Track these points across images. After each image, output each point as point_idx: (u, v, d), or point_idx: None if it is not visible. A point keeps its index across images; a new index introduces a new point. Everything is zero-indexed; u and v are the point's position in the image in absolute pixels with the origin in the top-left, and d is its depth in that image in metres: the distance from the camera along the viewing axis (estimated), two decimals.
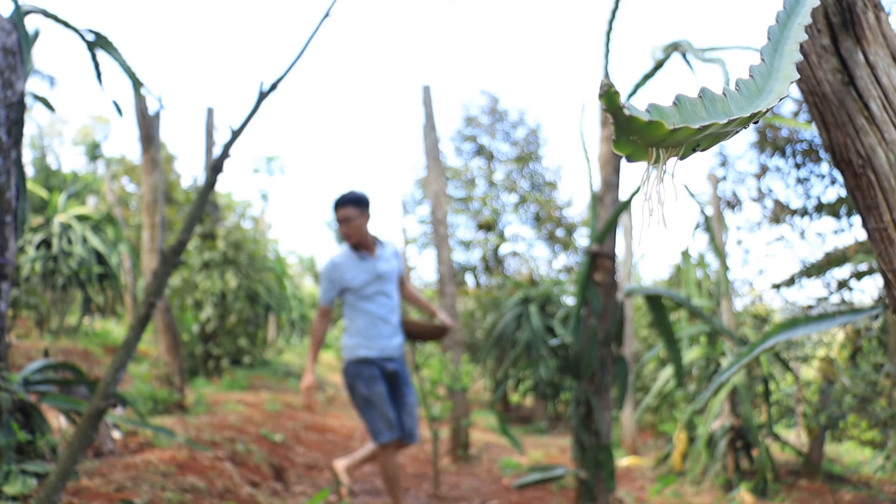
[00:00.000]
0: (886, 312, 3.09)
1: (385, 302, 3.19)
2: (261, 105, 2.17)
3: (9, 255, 2.48)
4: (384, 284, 3.20)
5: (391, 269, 3.23)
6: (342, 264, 3.19)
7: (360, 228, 3.13)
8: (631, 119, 0.52)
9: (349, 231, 3.12)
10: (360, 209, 3.13)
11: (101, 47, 2.81)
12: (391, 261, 3.25)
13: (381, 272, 3.19)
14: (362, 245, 3.20)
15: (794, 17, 0.73)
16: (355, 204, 3.12)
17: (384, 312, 3.18)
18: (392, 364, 3.19)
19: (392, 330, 3.19)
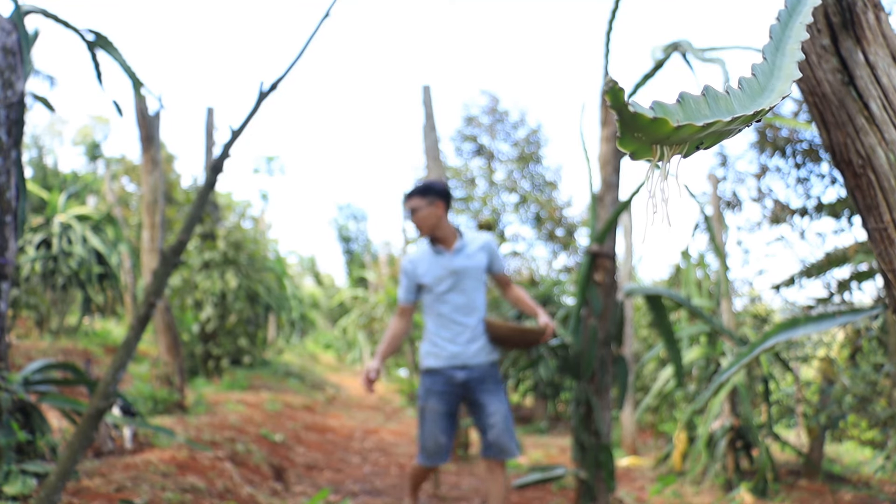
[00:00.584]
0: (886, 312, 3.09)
1: (459, 301, 2.85)
2: (261, 105, 2.17)
3: (9, 255, 2.48)
4: (460, 282, 2.85)
5: (471, 265, 2.87)
6: (417, 259, 2.93)
7: (430, 220, 2.84)
8: (636, 116, 0.53)
9: (418, 223, 2.86)
10: (429, 199, 2.84)
11: (101, 47, 2.81)
12: (475, 256, 2.89)
13: (457, 268, 2.85)
14: (438, 238, 2.90)
15: (796, 15, 0.73)
16: (422, 194, 2.85)
17: (457, 314, 2.84)
18: (463, 373, 2.82)
19: (467, 334, 2.83)
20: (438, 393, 2.83)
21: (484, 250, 2.94)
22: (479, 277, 2.91)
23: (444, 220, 2.89)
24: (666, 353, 5.31)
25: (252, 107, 2.17)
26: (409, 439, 6.13)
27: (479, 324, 2.87)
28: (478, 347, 2.84)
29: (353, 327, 13.27)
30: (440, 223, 2.88)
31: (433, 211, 2.85)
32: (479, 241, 2.96)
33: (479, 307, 2.89)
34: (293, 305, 10.56)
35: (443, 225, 2.89)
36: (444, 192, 2.88)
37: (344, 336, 15.23)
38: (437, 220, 2.86)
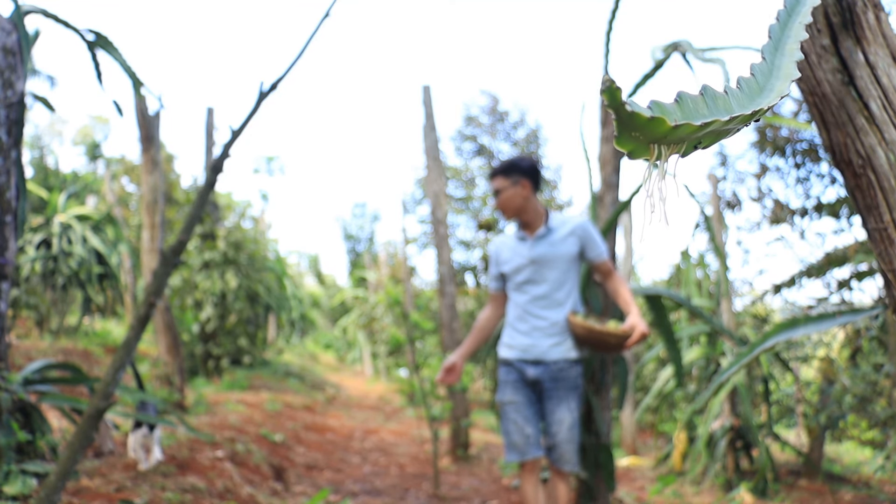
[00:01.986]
0: (886, 312, 3.09)
1: (539, 293, 2.59)
2: (261, 105, 2.17)
3: (9, 255, 2.48)
4: (540, 271, 2.60)
5: (554, 253, 2.58)
6: (501, 245, 2.73)
7: (513, 201, 2.59)
8: (633, 115, 0.52)
9: (501, 205, 2.61)
10: (513, 178, 2.58)
11: (101, 47, 2.81)
12: (562, 243, 2.60)
13: (536, 256, 2.59)
14: (524, 223, 2.65)
15: (795, 15, 0.73)
16: (506, 173, 2.59)
17: (535, 306, 2.59)
18: (535, 370, 2.58)
19: (543, 327, 2.58)
20: (513, 382, 2.64)
21: (574, 235, 2.62)
22: (566, 267, 2.61)
23: (530, 202, 2.62)
24: (666, 353, 5.31)
25: (252, 107, 2.17)
26: (409, 439, 6.13)
27: (562, 319, 2.59)
28: (554, 343, 2.57)
29: (354, 327, 13.27)
30: (526, 205, 2.61)
31: (518, 191, 2.59)
32: (570, 226, 2.63)
33: (563, 300, 2.60)
34: (293, 305, 10.56)
35: (529, 208, 2.62)
36: (532, 170, 2.61)
37: (344, 336, 15.23)
38: (523, 202, 2.60)
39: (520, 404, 2.61)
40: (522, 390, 2.62)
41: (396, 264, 13.97)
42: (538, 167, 2.66)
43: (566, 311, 2.60)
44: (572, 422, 2.56)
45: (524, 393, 2.62)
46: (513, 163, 2.62)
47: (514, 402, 2.61)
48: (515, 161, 2.62)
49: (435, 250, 5.66)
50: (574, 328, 2.56)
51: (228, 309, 7.51)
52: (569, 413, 2.56)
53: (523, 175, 2.61)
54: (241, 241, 7.71)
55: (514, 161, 2.63)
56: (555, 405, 2.57)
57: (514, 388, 2.63)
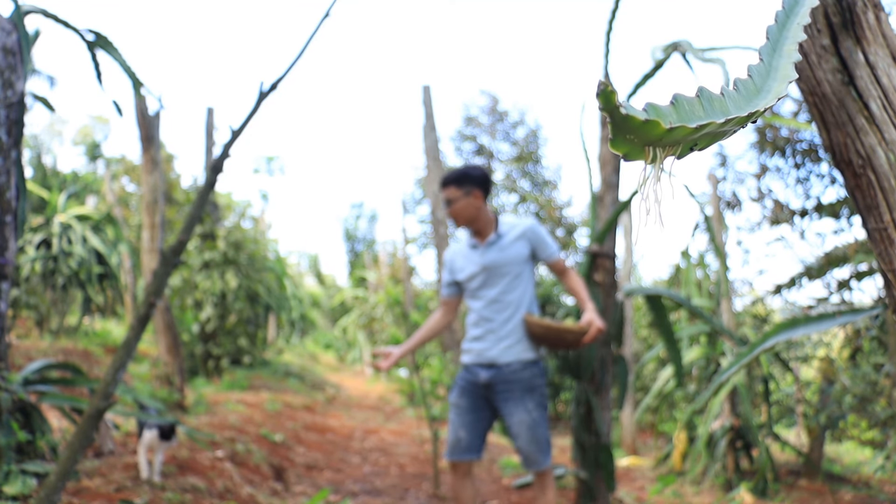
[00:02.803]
0: (886, 312, 3.09)
1: (491, 296, 2.64)
2: (261, 105, 2.17)
3: (9, 255, 2.48)
4: (493, 276, 2.64)
5: (505, 258, 2.63)
6: (456, 253, 2.76)
7: (466, 211, 2.62)
8: (627, 118, 0.52)
9: (454, 215, 2.63)
10: (465, 188, 2.60)
11: (101, 47, 2.81)
12: (511, 247, 2.64)
13: (487, 263, 2.63)
14: (475, 230, 2.69)
15: (793, 17, 0.73)
16: (458, 183, 2.61)
17: (489, 310, 2.64)
18: (487, 373, 2.62)
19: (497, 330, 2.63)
20: (461, 387, 2.70)
21: (524, 238, 2.67)
22: (518, 270, 2.65)
23: (482, 211, 2.65)
24: (666, 353, 5.31)
25: (252, 107, 2.17)
26: (409, 439, 6.13)
27: (514, 321, 2.63)
28: (507, 346, 2.61)
29: (354, 327, 13.27)
30: (478, 214, 2.65)
31: (470, 202, 2.63)
32: (519, 229, 2.68)
33: (515, 302, 2.63)
34: (293, 305, 10.56)
35: (481, 216, 2.65)
36: (483, 180, 2.65)
37: (344, 336, 15.23)
38: (476, 212, 2.64)
39: (462, 409, 2.66)
40: (469, 395, 2.67)
41: (396, 264, 13.97)
42: (488, 176, 2.70)
43: (521, 313, 2.64)
44: (531, 422, 2.57)
45: (470, 398, 2.66)
46: (464, 173, 2.65)
47: (457, 405, 2.68)
48: (467, 171, 2.65)
49: (435, 250, 5.66)
50: (530, 327, 2.60)
51: (228, 309, 7.51)
52: (527, 414, 2.57)
53: (475, 185, 2.64)
54: (241, 241, 7.72)
55: (465, 171, 2.65)
56: (511, 408, 2.59)
57: (462, 391, 2.68)
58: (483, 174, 2.67)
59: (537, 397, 2.61)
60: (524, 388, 2.59)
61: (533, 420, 2.58)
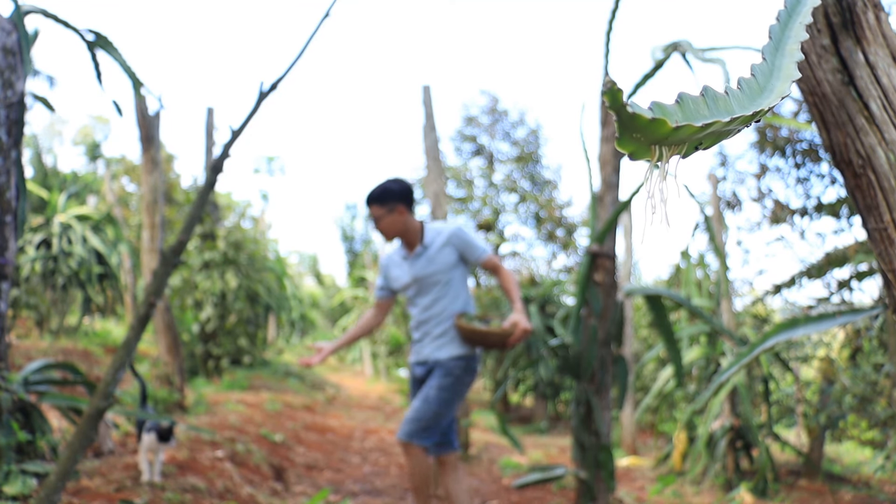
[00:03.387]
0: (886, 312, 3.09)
1: (425, 303, 2.76)
2: (261, 105, 2.17)
3: (9, 255, 2.48)
4: (423, 285, 2.74)
5: (433, 267, 2.71)
6: (390, 261, 2.84)
7: (392, 227, 2.69)
8: (634, 117, 0.53)
9: (381, 231, 2.72)
10: (388, 205, 2.66)
11: (101, 47, 2.81)
12: (438, 256, 2.72)
13: (416, 274, 2.73)
14: (405, 242, 2.77)
15: (796, 16, 0.73)
16: (380, 201, 2.67)
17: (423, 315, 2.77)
18: (422, 369, 2.82)
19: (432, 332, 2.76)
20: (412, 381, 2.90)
21: (450, 245, 2.73)
22: (448, 277, 2.73)
23: (409, 224, 2.72)
24: (666, 353, 5.32)
25: (252, 107, 2.17)
26: None
27: (447, 324, 2.74)
28: (440, 345, 2.74)
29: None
30: (405, 228, 2.72)
31: (395, 218, 2.69)
32: (444, 236, 2.74)
33: (448, 308, 2.74)
34: (293, 305, 10.56)
35: (408, 229, 2.73)
36: (405, 194, 2.70)
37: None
38: (402, 227, 2.71)
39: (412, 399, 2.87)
40: (415, 389, 2.87)
41: None
42: (410, 188, 2.74)
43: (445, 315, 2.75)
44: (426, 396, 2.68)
45: (416, 391, 2.87)
46: (386, 190, 2.68)
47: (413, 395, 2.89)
48: (388, 188, 2.68)
49: None
50: (459, 330, 2.70)
51: (228, 309, 7.51)
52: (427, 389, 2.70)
53: (397, 200, 2.69)
54: (241, 241, 7.71)
55: (386, 188, 2.68)
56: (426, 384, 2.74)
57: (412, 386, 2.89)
58: (403, 188, 2.71)
59: (447, 382, 2.70)
60: (444, 371, 2.73)
61: (427, 396, 2.68)
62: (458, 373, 2.73)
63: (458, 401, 2.76)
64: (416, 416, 2.68)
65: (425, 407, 2.67)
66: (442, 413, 2.69)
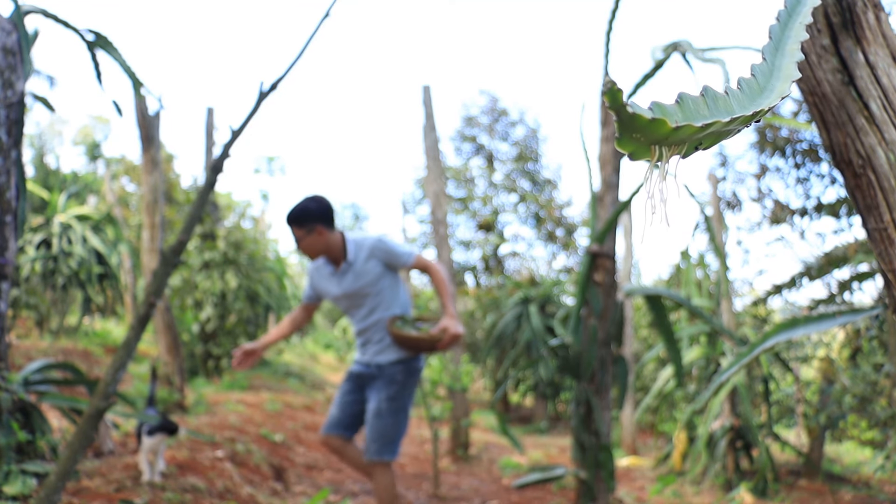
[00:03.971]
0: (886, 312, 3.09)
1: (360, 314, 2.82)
2: (261, 105, 2.18)
3: (9, 255, 2.48)
4: (354, 299, 2.79)
5: (361, 282, 2.76)
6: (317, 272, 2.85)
7: (313, 247, 2.70)
8: (634, 117, 0.53)
9: (303, 251, 2.73)
10: (307, 227, 2.66)
11: (101, 47, 2.81)
12: (364, 271, 2.75)
13: (345, 290, 2.78)
14: (329, 259, 2.79)
15: (796, 16, 0.73)
16: (299, 223, 2.67)
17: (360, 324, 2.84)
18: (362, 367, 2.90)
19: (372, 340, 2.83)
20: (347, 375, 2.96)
21: (373, 258, 2.76)
22: (377, 289, 2.78)
23: (329, 243, 2.73)
24: (666, 353, 5.31)
25: (252, 107, 2.17)
26: (409, 439, 6.13)
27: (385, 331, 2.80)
28: (380, 349, 2.81)
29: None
30: (327, 246, 2.73)
31: (315, 238, 2.69)
32: (366, 249, 2.76)
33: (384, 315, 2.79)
34: (293, 305, 10.55)
35: (329, 247, 2.73)
36: (322, 214, 2.69)
37: (344, 336, 15.22)
38: (323, 246, 2.72)
39: (342, 392, 2.92)
40: (350, 382, 2.91)
41: None
42: (328, 205, 2.73)
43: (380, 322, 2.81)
44: (379, 411, 2.74)
45: (351, 384, 2.91)
46: (304, 211, 2.68)
47: (340, 389, 2.95)
48: (305, 208, 2.68)
49: (435, 250, 5.66)
50: (394, 337, 2.74)
51: (228, 309, 7.51)
52: (378, 403, 2.75)
53: (316, 221, 2.68)
54: (241, 241, 7.71)
55: (304, 209, 2.68)
56: (371, 395, 2.80)
57: (347, 379, 2.94)
58: (320, 207, 2.70)
59: (394, 391, 2.76)
60: (387, 380, 2.78)
61: (380, 411, 2.74)
62: (401, 378, 2.78)
63: (410, 403, 2.82)
64: (377, 434, 2.75)
65: (382, 422, 2.74)
66: (399, 420, 2.77)
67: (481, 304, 9.58)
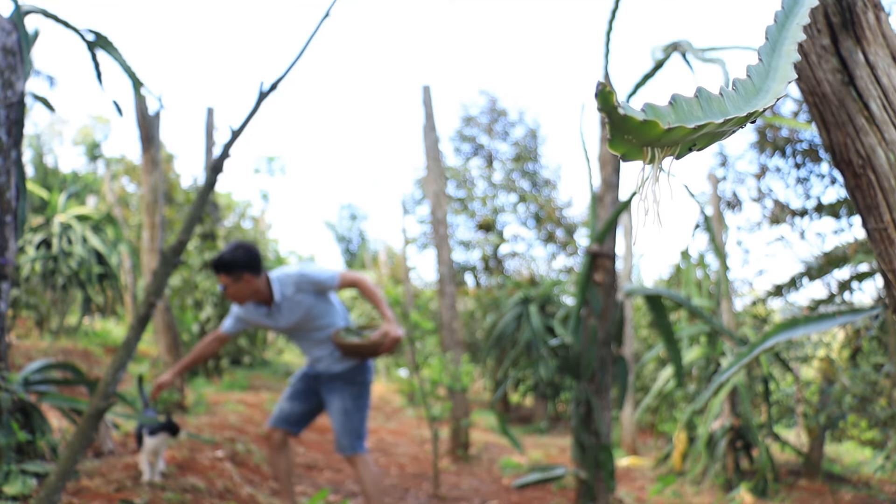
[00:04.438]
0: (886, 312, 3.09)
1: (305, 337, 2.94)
2: (261, 105, 2.18)
3: (9, 255, 2.48)
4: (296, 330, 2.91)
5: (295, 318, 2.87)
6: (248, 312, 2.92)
7: (241, 293, 2.77)
8: (625, 118, 0.52)
9: (231, 298, 2.80)
10: (234, 275, 2.72)
11: (101, 47, 2.81)
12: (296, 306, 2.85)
13: (284, 325, 2.89)
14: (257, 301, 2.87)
15: (793, 17, 0.73)
16: (227, 271, 2.72)
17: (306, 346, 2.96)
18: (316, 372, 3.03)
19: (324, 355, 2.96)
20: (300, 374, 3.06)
21: (302, 291, 2.85)
22: (314, 314, 2.87)
23: (257, 288, 2.80)
24: (666, 353, 5.31)
25: (252, 107, 2.18)
26: (409, 439, 6.13)
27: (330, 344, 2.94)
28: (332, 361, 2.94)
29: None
30: (254, 291, 2.79)
31: (243, 286, 2.75)
32: (291, 286, 2.84)
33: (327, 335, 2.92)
34: None
35: (257, 291, 2.80)
36: (248, 262, 2.75)
37: None
38: (250, 292, 2.78)
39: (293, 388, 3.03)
40: (303, 381, 3.03)
41: (396, 264, 13.97)
42: (254, 252, 2.79)
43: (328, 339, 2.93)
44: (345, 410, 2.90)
45: (303, 383, 3.02)
46: (231, 260, 2.73)
47: (292, 385, 3.06)
48: (232, 258, 2.73)
49: (435, 250, 5.66)
50: (339, 347, 2.87)
51: (228, 309, 7.51)
52: (342, 403, 2.91)
53: (242, 269, 2.74)
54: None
55: (231, 259, 2.73)
56: (332, 397, 2.94)
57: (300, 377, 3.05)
58: (246, 255, 2.76)
59: (356, 390, 2.93)
60: (346, 382, 2.93)
61: (347, 409, 2.91)
62: (360, 378, 2.96)
63: (370, 399, 3.03)
64: (347, 429, 2.90)
65: (350, 419, 2.91)
66: (364, 416, 2.97)
67: (481, 304, 9.58)
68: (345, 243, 25.46)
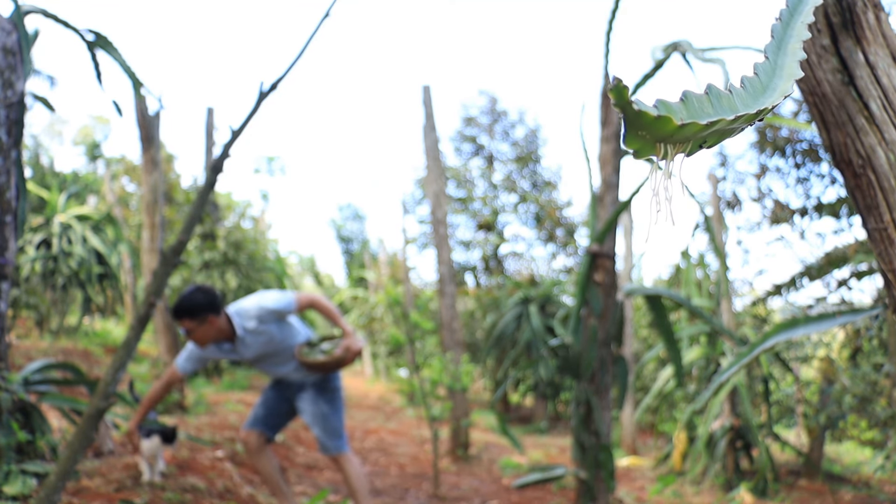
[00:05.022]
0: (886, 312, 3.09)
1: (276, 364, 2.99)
2: (261, 105, 2.18)
3: (9, 255, 2.48)
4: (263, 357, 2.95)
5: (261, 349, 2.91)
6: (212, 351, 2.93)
7: (206, 336, 2.78)
8: (640, 114, 0.52)
9: (195, 340, 2.80)
10: (198, 318, 2.74)
11: (101, 47, 2.81)
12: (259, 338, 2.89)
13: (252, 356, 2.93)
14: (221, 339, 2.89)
15: (798, 15, 0.73)
16: (190, 315, 2.73)
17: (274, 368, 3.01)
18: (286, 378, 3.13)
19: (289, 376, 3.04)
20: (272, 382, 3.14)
21: (263, 323, 2.88)
22: (277, 341, 2.92)
23: (219, 327, 2.82)
24: (666, 353, 5.32)
25: (252, 107, 2.18)
26: (409, 439, 6.13)
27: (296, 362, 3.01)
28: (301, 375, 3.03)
29: (353, 327, 13.25)
30: (218, 331, 2.81)
31: (207, 328, 2.77)
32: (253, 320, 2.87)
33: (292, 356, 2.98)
34: None
35: (220, 331, 2.82)
36: (210, 303, 2.77)
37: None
38: (214, 333, 2.80)
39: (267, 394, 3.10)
40: (276, 387, 3.10)
41: (396, 264, 13.97)
42: (214, 294, 2.81)
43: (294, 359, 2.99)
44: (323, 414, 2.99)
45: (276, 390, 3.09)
46: (194, 304, 2.74)
47: (265, 390, 3.13)
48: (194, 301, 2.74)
49: (435, 250, 5.66)
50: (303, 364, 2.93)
51: None
52: (318, 407, 3.01)
53: (205, 311, 2.76)
54: (241, 241, 7.71)
55: (193, 303, 2.74)
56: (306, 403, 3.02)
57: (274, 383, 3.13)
58: (206, 297, 2.78)
59: (328, 395, 3.03)
60: (318, 388, 3.03)
61: (324, 413, 3.00)
62: (332, 384, 3.06)
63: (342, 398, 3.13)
64: (327, 432, 3.00)
65: (328, 422, 3.00)
66: (341, 416, 3.07)
67: (481, 304, 9.59)
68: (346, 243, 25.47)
